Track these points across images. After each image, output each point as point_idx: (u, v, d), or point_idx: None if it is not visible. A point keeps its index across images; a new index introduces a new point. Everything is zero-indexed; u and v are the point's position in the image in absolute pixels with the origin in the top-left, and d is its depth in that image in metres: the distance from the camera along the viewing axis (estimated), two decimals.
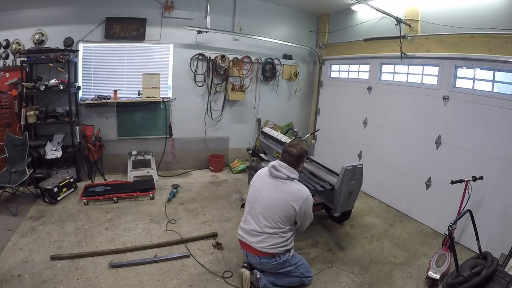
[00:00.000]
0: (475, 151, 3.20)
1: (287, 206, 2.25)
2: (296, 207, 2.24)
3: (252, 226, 2.32)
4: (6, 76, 4.08)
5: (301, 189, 2.34)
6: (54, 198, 3.69)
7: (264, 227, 2.27)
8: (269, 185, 2.35)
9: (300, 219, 2.33)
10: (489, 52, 3.07)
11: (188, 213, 3.69)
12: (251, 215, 2.37)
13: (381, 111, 4.40)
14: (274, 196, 2.29)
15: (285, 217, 2.26)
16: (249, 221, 2.37)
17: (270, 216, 2.27)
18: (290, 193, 2.28)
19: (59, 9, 4.17)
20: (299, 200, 2.26)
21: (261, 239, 2.28)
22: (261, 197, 2.34)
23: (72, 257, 2.66)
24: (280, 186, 2.31)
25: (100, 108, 4.51)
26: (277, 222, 2.26)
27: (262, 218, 2.29)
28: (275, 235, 2.27)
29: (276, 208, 2.26)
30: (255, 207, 2.35)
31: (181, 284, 2.46)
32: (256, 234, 2.30)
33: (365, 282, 2.62)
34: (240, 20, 5.07)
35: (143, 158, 4.78)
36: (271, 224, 2.26)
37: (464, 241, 3.22)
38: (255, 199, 2.38)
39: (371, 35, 4.47)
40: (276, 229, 2.26)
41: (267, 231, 2.27)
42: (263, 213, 2.29)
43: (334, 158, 4.84)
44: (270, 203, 2.29)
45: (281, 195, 2.28)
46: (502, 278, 2.10)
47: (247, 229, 2.36)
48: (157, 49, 4.80)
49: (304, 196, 2.29)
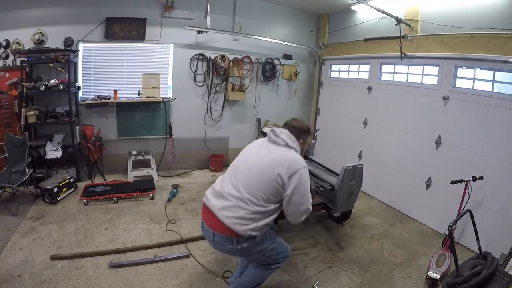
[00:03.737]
0: (475, 151, 3.20)
1: (273, 174, 1.75)
2: (284, 178, 1.74)
3: (227, 188, 1.85)
4: (6, 76, 4.08)
5: (296, 158, 1.83)
6: (54, 198, 3.69)
7: (239, 193, 1.79)
8: (262, 148, 1.93)
9: (288, 198, 1.78)
10: (489, 52, 3.07)
11: (188, 213, 3.69)
12: (230, 176, 1.92)
13: (381, 111, 4.40)
14: (261, 159, 1.85)
15: (268, 190, 1.76)
16: (225, 182, 1.90)
17: (252, 182, 1.80)
18: (279, 158, 1.80)
19: (59, 9, 4.17)
20: (289, 169, 1.75)
21: (228, 205, 1.79)
22: (248, 160, 1.92)
23: (72, 257, 2.66)
24: (273, 149, 1.88)
25: (100, 108, 4.51)
26: (257, 192, 1.77)
27: (242, 183, 1.81)
28: (246, 210, 1.75)
29: (259, 173, 1.79)
30: (238, 171, 1.90)
31: (181, 284, 2.46)
32: (226, 198, 1.81)
33: (365, 282, 2.62)
34: (240, 20, 5.07)
35: (143, 158, 4.77)
36: (249, 191, 1.78)
37: (464, 241, 3.22)
38: (241, 160, 1.97)
39: (371, 35, 4.47)
40: (251, 202, 1.76)
41: (241, 198, 1.77)
42: (245, 177, 1.83)
43: (334, 158, 4.84)
44: (255, 165, 1.84)
45: (268, 158, 1.83)
46: (502, 278, 2.10)
47: (219, 190, 1.88)
48: (157, 49, 4.80)
49: (296, 165, 1.78)
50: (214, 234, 1.83)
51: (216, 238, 1.83)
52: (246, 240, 1.81)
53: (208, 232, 1.86)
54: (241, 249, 1.83)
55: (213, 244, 1.90)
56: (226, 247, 1.85)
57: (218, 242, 1.84)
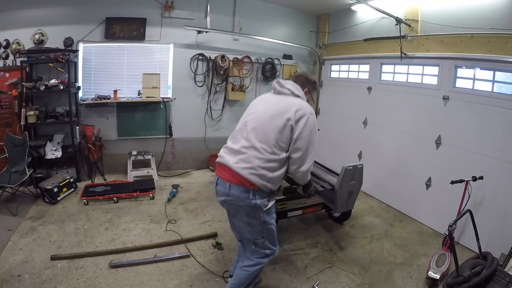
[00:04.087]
0: (475, 151, 3.20)
1: (281, 121, 1.80)
2: (292, 122, 1.79)
3: (239, 143, 1.88)
4: (6, 76, 4.08)
5: (302, 104, 1.89)
6: (54, 198, 3.69)
7: (251, 143, 1.83)
8: (268, 100, 2.00)
9: (293, 142, 1.82)
10: (489, 52, 3.07)
11: (188, 213, 3.69)
12: (240, 131, 1.95)
13: (381, 111, 4.40)
14: (269, 109, 1.90)
15: (278, 137, 1.80)
16: (237, 138, 1.93)
17: (262, 131, 1.83)
18: (286, 106, 1.85)
19: (59, 9, 4.18)
20: (296, 114, 1.80)
21: (243, 157, 1.82)
22: (256, 112, 1.95)
23: (72, 257, 2.66)
24: (279, 99, 1.95)
25: (100, 108, 4.51)
26: (269, 140, 1.81)
27: (253, 134, 1.85)
28: (260, 159, 1.79)
29: (269, 122, 1.83)
30: (247, 124, 1.92)
31: (181, 284, 2.46)
32: (240, 151, 1.84)
33: (365, 282, 2.62)
34: (240, 20, 5.08)
35: (143, 158, 4.78)
36: (261, 139, 1.82)
37: (464, 241, 3.22)
38: (249, 114, 1.99)
39: (371, 35, 4.47)
40: (264, 150, 1.80)
41: (254, 147, 1.81)
42: (256, 128, 1.86)
43: (334, 158, 4.84)
44: (264, 116, 1.88)
45: (278, 106, 1.88)
46: (502, 278, 2.10)
47: (231, 147, 1.92)
48: (157, 49, 4.80)
49: (303, 111, 1.83)
50: (231, 186, 1.82)
51: (232, 191, 1.82)
52: (261, 196, 1.84)
53: (224, 185, 1.86)
54: (253, 207, 1.84)
55: (227, 198, 1.87)
56: (239, 201, 1.84)
57: (233, 195, 1.83)
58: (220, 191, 1.91)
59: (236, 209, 1.93)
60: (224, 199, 1.90)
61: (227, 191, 1.85)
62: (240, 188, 1.81)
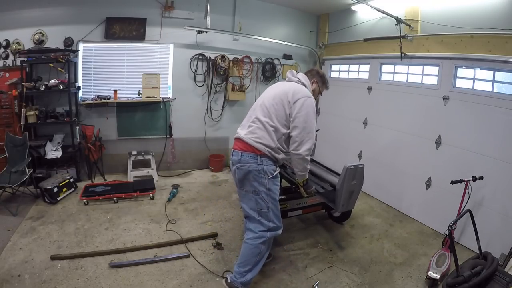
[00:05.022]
0: (475, 151, 3.20)
1: (282, 100, 2.15)
2: (291, 102, 2.12)
3: (251, 120, 2.25)
4: (6, 76, 4.08)
5: (302, 89, 2.22)
6: (54, 198, 3.69)
7: (258, 119, 2.18)
8: (280, 85, 2.35)
9: (292, 120, 2.12)
10: (489, 52, 3.07)
11: (188, 213, 3.69)
12: (253, 111, 2.30)
13: (381, 111, 4.40)
14: (276, 90, 2.27)
15: (280, 115, 2.14)
16: (250, 116, 2.29)
17: (266, 107, 2.19)
18: (289, 89, 2.20)
19: (59, 9, 4.17)
20: (294, 96, 2.13)
21: (251, 129, 2.19)
22: (265, 97, 2.30)
23: (72, 257, 2.66)
24: (286, 84, 2.31)
25: (100, 108, 4.51)
26: (271, 115, 2.15)
27: (259, 110, 2.22)
28: (265, 130, 2.14)
29: (273, 101, 2.18)
30: (257, 105, 2.29)
31: (181, 284, 2.46)
32: (250, 125, 2.22)
33: (365, 282, 2.62)
34: (240, 20, 5.08)
35: (143, 158, 4.78)
36: (265, 114, 2.17)
37: (464, 241, 3.22)
38: (260, 97, 2.35)
39: (371, 35, 4.47)
40: (267, 123, 2.14)
41: (260, 120, 2.17)
42: (261, 105, 2.24)
43: (334, 158, 4.83)
44: (270, 95, 2.25)
45: (283, 88, 2.24)
46: (502, 278, 2.10)
47: (245, 124, 2.30)
48: (157, 49, 4.80)
49: (301, 94, 2.15)
50: (242, 154, 2.16)
51: (243, 157, 2.15)
52: (267, 163, 2.15)
53: (237, 154, 2.19)
54: (260, 171, 2.13)
55: (239, 165, 2.16)
56: (249, 166, 2.13)
57: (244, 161, 2.14)
58: (234, 160, 2.22)
59: (246, 175, 2.16)
60: (237, 167, 2.18)
61: (239, 158, 2.17)
62: (250, 154, 2.14)
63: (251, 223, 2.26)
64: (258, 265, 2.26)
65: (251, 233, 2.23)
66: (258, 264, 2.25)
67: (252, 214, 2.23)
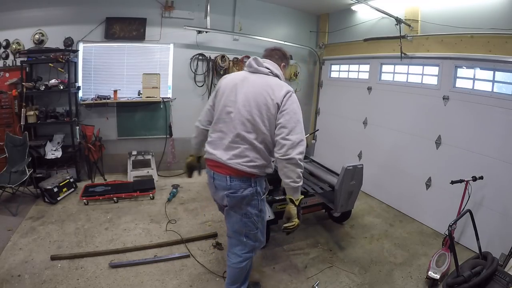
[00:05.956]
0: (475, 151, 3.20)
1: (267, 105, 1.74)
2: (279, 102, 1.74)
3: (230, 137, 1.79)
4: (6, 76, 4.08)
5: (282, 84, 1.84)
6: (54, 198, 3.69)
7: (242, 136, 1.76)
8: (246, 81, 1.85)
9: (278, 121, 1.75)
10: (489, 52, 3.07)
11: (188, 213, 3.69)
12: (225, 124, 1.82)
13: (381, 111, 4.40)
14: (252, 93, 1.79)
15: (266, 122, 1.76)
16: (224, 131, 1.82)
17: (249, 122, 1.76)
18: (265, 87, 1.78)
19: (59, 9, 4.18)
20: (277, 92, 1.75)
21: (237, 152, 1.77)
22: (239, 101, 1.80)
23: (72, 257, 2.66)
24: (257, 79, 1.85)
25: (100, 108, 4.51)
26: (258, 128, 1.75)
27: (241, 126, 1.77)
28: (255, 149, 1.77)
29: (255, 108, 1.75)
30: (231, 115, 1.80)
31: (181, 284, 2.46)
32: (232, 147, 1.79)
33: (365, 282, 2.62)
34: (240, 20, 5.07)
35: (143, 158, 4.77)
36: (249, 130, 1.76)
37: (464, 241, 3.22)
38: (229, 100, 1.83)
39: (371, 35, 4.46)
40: (256, 140, 1.76)
41: (246, 138, 1.76)
42: (242, 119, 1.76)
43: (334, 158, 4.84)
44: (249, 103, 1.77)
45: (260, 89, 1.79)
46: (502, 278, 2.09)
47: (222, 142, 1.83)
48: (157, 49, 4.80)
49: (284, 89, 1.78)
50: (232, 179, 1.81)
51: (234, 182, 1.81)
52: (260, 183, 1.88)
53: (223, 178, 1.83)
54: (253, 194, 1.84)
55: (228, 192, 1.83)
56: (242, 191, 1.81)
57: (235, 187, 1.81)
58: (221, 186, 1.87)
59: (238, 202, 1.86)
60: (226, 194, 1.84)
61: (227, 184, 1.82)
62: (242, 178, 1.81)
63: (235, 246, 2.03)
64: (247, 276, 2.16)
65: (236, 257, 2.01)
66: (247, 276, 2.15)
67: (237, 237, 1.99)
